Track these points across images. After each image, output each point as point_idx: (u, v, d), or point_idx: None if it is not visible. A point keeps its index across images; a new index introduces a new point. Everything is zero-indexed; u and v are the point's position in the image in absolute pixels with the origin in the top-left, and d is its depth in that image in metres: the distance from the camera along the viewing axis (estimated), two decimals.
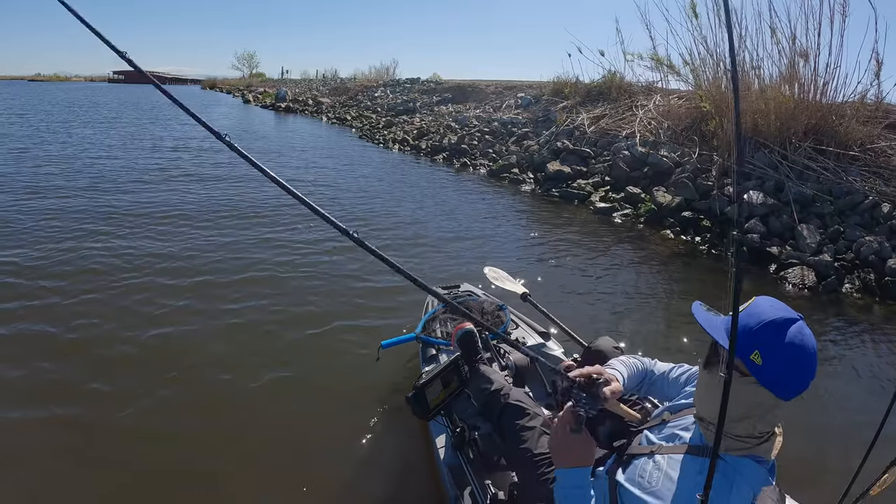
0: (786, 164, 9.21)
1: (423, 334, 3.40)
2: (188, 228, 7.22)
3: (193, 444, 3.20)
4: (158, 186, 9.64)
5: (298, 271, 5.92)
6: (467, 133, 15.13)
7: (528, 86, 19.42)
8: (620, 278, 6.43)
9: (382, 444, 3.26)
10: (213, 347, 4.24)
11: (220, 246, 6.56)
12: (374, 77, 33.71)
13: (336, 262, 6.20)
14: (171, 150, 14.11)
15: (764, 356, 1.33)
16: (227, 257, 6.17)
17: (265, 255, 6.34)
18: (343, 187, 10.59)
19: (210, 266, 5.87)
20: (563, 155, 11.39)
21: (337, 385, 3.81)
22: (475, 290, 4.16)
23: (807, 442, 3.39)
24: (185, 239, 6.77)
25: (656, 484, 1.45)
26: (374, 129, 19.61)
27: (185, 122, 20.89)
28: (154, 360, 4.02)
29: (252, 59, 75.66)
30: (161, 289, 5.23)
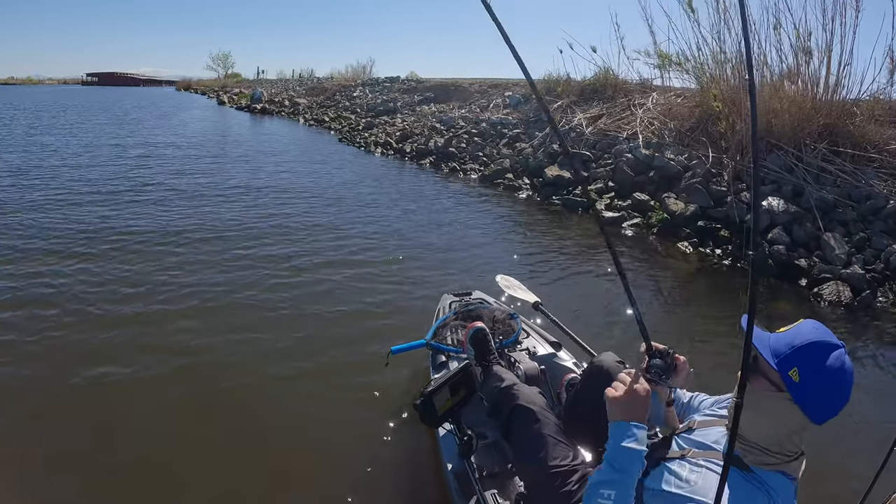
0: (801, 166, 8.54)
1: (433, 341, 3.36)
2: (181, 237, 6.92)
3: (196, 448, 3.22)
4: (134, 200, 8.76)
5: (305, 276, 5.87)
6: (454, 135, 14.26)
7: (514, 84, 18.62)
8: (638, 297, 5.62)
9: (389, 451, 3.27)
10: (217, 352, 4.24)
11: (223, 253, 6.46)
12: (352, 76, 32.81)
13: (344, 268, 6.15)
14: (139, 157, 13.13)
15: (802, 374, 1.37)
16: (232, 265, 6.07)
17: (271, 261, 6.26)
18: (324, 196, 9.73)
19: (212, 272, 5.83)
20: (561, 158, 10.58)
21: (345, 390, 3.83)
22: (487, 297, 4.11)
23: (821, 458, 3.14)
24: (184, 243, 6.70)
25: (695, 483, 1.49)
26: (354, 130, 18.67)
27: (150, 126, 20.08)
28: (161, 363, 4.04)
29: (227, 59, 73.63)
30: (162, 296, 5.17)
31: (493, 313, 3.57)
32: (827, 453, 3.28)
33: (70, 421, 3.41)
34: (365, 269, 6.14)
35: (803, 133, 8.90)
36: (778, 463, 1.46)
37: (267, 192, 9.80)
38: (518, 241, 7.71)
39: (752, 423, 1.45)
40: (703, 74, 10.22)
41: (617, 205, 8.91)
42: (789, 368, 1.39)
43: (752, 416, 1.41)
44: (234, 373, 3.96)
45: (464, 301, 3.97)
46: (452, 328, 3.49)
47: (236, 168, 12.09)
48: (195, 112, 30.27)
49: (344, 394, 3.78)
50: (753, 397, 1.39)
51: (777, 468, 1.46)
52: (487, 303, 3.94)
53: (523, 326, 3.54)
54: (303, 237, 7.19)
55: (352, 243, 7.01)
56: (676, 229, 7.92)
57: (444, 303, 4.01)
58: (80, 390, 3.69)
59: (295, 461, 3.15)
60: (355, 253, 6.69)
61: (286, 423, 3.48)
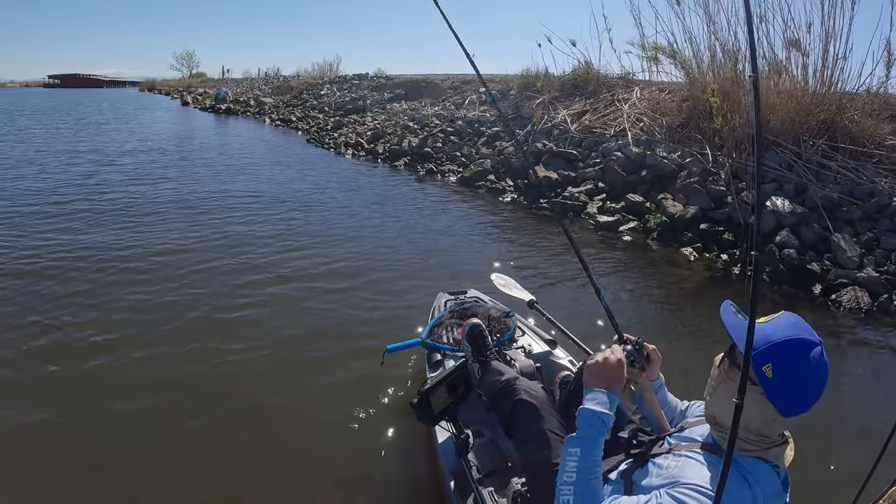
0: (800, 163, 8.03)
1: (429, 339, 3.36)
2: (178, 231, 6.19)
3: (193, 449, 3.21)
4: None
5: (301, 274, 5.88)
6: (429, 134, 13.52)
7: (489, 80, 17.98)
8: (644, 312, 5.57)
9: (386, 450, 3.27)
10: (212, 351, 4.24)
11: (221, 248, 6.56)
12: (318, 74, 31.90)
13: (338, 266, 6.17)
14: (92, 164, 12.21)
15: (776, 371, 1.38)
16: (228, 262, 6.09)
17: (266, 259, 6.27)
18: (292, 201, 8.98)
19: (213, 269, 5.86)
20: (546, 158, 9.90)
21: (341, 389, 3.81)
22: (482, 296, 4.10)
23: (818, 450, 3.32)
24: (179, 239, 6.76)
25: (673, 468, 1.54)
26: (323, 130, 17.80)
27: (108, 130, 19.28)
28: (155, 359, 4.08)
29: (191, 58, 72.26)
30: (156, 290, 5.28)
31: (488, 312, 3.54)
32: (831, 450, 3.37)
33: (69, 420, 3.42)
34: (352, 278, 5.89)
35: (802, 129, 8.40)
36: (756, 450, 1.47)
37: (233, 200, 9.08)
38: (506, 248, 7.06)
39: (722, 407, 1.49)
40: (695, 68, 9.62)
41: (610, 207, 8.28)
42: (763, 364, 1.39)
43: (724, 400, 1.45)
44: (228, 375, 3.96)
45: (459, 299, 3.97)
46: (448, 326, 3.47)
47: (198, 175, 11.24)
48: (157, 114, 29.07)
49: (340, 393, 3.77)
50: (729, 387, 1.41)
51: (755, 454, 1.46)
52: (483, 301, 3.94)
53: (518, 325, 3.53)
54: (272, 247, 6.70)
55: (332, 252, 6.61)
56: (677, 233, 7.33)
57: (440, 301, 3.99)
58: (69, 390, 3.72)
59: (291, 461, 3.14)
60: (337, 261, 6.39)
61: (281, 423, 3.47)
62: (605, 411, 1.65)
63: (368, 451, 3.24)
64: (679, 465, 1.53)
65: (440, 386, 2.47)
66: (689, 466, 1.51)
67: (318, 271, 6.00)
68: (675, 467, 1.54)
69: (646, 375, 1.99)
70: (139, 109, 31.76)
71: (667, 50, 9.79)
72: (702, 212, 7.47)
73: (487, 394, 2.53)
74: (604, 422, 1.64)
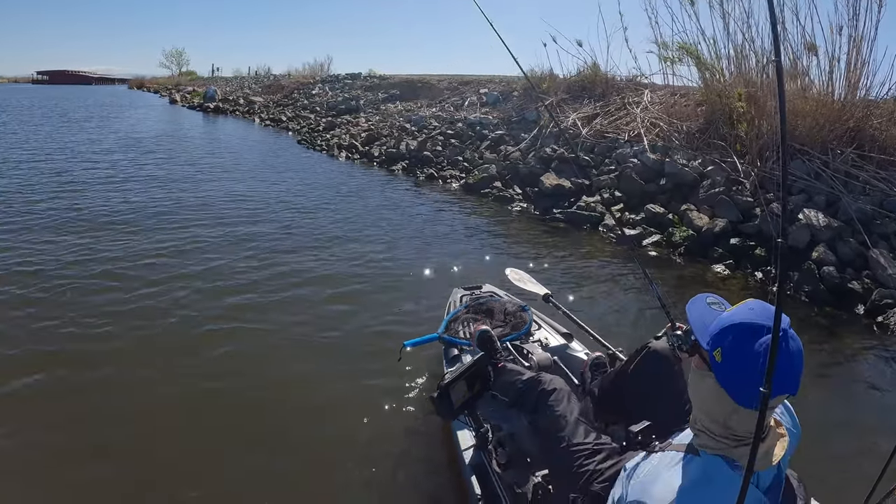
0: (828, 172, 7.50)
1: (445, 334, 3.34)
2: None
3: (213, 441, 3.23)
4: None
5: (319, 271, 5.88)
6: (428, 136, 12.88)
7: (488, 81, 17.38)
8: None
9: (405, 444, 3.25)
10: (229, 348, 4.23)
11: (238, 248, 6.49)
12: (309, 74, 31.35)
13: (354, 265, 6.14)
14: (67, 162, 11.51)
15: (724, 355, 1.32)
16: (250, 260, 6.06)
17: (288, 258, 6.23)
18: (286, 208, 8.34)
19: (230, 268, 5.83)
20: (556, 164, 9.29)
21: (359, 384, 3.82)
22: (497, 290, 4.09)
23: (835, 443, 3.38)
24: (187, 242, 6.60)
25: (643, 477, 1.49)
26: (314, 132, 17.11)
27: (89, 128, 18.70)
28: (172, 358, 4.05)
29: (181, 56, 71.99)
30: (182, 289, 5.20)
31: (504, 306, 3.54)
32: None
33: (71, 419, 3.38)
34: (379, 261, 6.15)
35: (830, 136, 7.88)
36: (721, 447, 1.39)
37: (221, 206, 8.44)
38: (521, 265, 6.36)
39: (693, 395, 1.47)
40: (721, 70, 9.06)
41: (629, 218, 7.66)
42: (714, 348, 1.35)
43: (694, 396, 1.46)
44: (248, 370, 3.96)
45: (474, 294, 3.95)
46: (464, 322, 3.46)
47: (181, 178, 10.57)
48: (143, 111, 28.53)
49: (357, 389, 3.77)
50: (693, 378, 1.45)
51: (718, 452, 1.39)
52: (498, 296, 3.91)
53: (535, 318, 3.51)
54: (268, 254, 6.35)
55: (332, 255, 6.38)
56: (705, 248, 6.75)
57: (455, 296, 3.98)
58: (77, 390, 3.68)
59: (311, 455, 3.16)
60: (339, 265, 6.19)
61: (302, 418, 3.47)
62: None
63: (388, 445, 3.24)
64: (648, 468, 1.50)
65: (459, 380, 2.46)
66: (658, 479, 1.44)
67: (322, 273, 5.86)
68: (647, 475, 1.49)
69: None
70: (126, 107, 31.34)
71: (692, 50, 9.18)
72: (731, 225, 6.91)
73: (506, 394, 2.48)
74: None
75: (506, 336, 3.18)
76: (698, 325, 1.44)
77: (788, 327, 1.31)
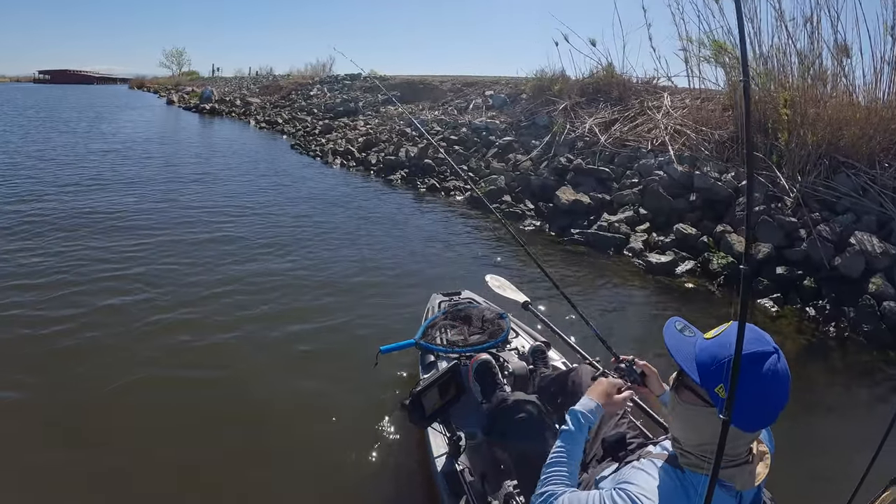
0: (875, 188, 6.61)
1: (422, 341, 3.27)
2: None
3: (184, 449, 3.15)
4: None
5: (295, 276, 5.72)
6: (430, 143, 12.01)
7: (493, 82, 16.47)
8: None
9: (378, 451, 3.20)
10: (203, 353, 4.14)
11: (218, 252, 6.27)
12: (311, 74, 30.58)
13: (332, 269, 5.98)
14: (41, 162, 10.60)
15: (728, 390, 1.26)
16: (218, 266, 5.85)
17: (262, 262, 6.09)
18: (264, 222, 7.49)
19: (202, 270, 5.68)
20: (572, 176, 8.33)
21: (333, 390, 3.75)
22: (476, 297, 4.03)
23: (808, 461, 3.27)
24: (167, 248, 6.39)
25: (626, 475, 1.51)
26: (310, 135, 16.20)
27: (79, 130, 17.89)
28: (146, 362, 3.95)
29: (181, 56, 71.06)
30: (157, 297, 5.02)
31: (482, 313, 3.50)
32: None
33: (58, 421, 3.33)
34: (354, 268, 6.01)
35: (877, 148, 7.00)
36: (709, 468, 1.28)
37: (198, 214, 7.80)
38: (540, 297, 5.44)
39: (684, 433, 1.44)
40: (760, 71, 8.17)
41: (657, 241, 6.72)
42: (715, 385, 1.31)
43: (684, 426, 1.44)
44: (221, 375, 3.89)
45: (453, 300, 3.91)
46: (441, 328, 3.41)
47: (162, 185, 9.80)
48: (138, 112, 27.75)
49: (332, 394, 3.71)
50: (684, 410, 1.41)
51: (706, 472, 1.30)
52: (476, 302, 3.88)
53: (512, 326, 3.48)
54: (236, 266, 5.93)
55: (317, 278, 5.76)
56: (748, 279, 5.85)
57: (434, 302, 3.92)
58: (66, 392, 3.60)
59: (282, 462, 3.08)
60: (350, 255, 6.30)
61: (274, 424, 3.41)
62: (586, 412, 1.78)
63: (360, 452, 3.19)
64: (633, 472, 1.50)
65: (432, 387, 2.46)
66: (640, 474, 1.47)
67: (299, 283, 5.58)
68: (629, 474, 1.51)
69: (648, 391, 2.07)
70: (122, 108, 30.78)
71: (728, 48, 8.28)
72: (775, 250, 6.02)
73: (487, 420, 2.54)
74: (580, 420, 1.77)
75: (483, 343, 3.16)
76: (683, 358, 1.41)
77: (777, 347, 1.34)
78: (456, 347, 3.17)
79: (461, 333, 3.31)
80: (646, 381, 2.04)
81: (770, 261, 5.92)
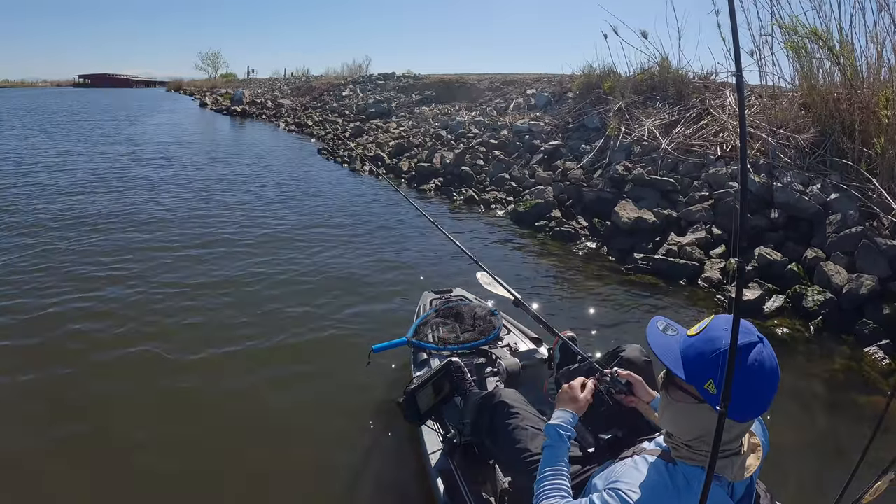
0: None
1: (414, 339, 3.26)
2: None
3: (175, 447, 3.16)
4: None
5: (287, 275, 5.72)
6: (467, 147, 11.07)
7: (535, 80, 15.50)
8: None
9: (373, 449, 3.21)
10: (196, 353, 4.13)
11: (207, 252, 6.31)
12: (347, 74, 30.53)
13: (325, 267, 5.99)
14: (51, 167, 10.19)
15: (718, 385, 1.27)
16: (212, 264, 5.95)
17: (250, 259, 6.11)
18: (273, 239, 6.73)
19: (196, 272, 5.72)
20: (631, 188, 7.31)
21: (326, 390, 3.78)
22: (467, 294, 4.05)
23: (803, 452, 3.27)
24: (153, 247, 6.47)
25: (618, 474, 1.49)
26: (339, 139, 15.42)
27: (102, 132, 17.64)
28: (139, 367, 3.95)
29: (216, 58, 71.19)
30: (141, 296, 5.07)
31: (473, 310, 3.48)
32: None
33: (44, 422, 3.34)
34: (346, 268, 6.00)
35: None
36: (703, 460, 1.37)
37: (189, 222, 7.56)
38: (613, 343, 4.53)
39: (677, 427, 1.43)
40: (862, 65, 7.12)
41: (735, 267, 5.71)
42: (704, 381, 1.30)
43: (677, 423, 1.43)
44: (214, 373, 3.89)
45: (444, 298, 3.90)
46: (433, 326, 3.39)
47: (157, 184, 9.85)
48: (167, 116, 27.64)
49: (326, 394, 3.73)
50: (676, 407, 1.40)
51: (699, 464, 1.38)
52: (468, 300, 3.86)
53: (504, 323, 3.48)
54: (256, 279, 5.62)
55: None
56: (849, 320, 4.82)
57: (425, 300, 3.93)
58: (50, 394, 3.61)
59: (276, 462, 3.09)
60: None
61: (267, 424, 3.41)
62: (563, 424, 1.78)
63: (355, 451, 3.17)
64: (625, 470, 1.49)
65: (426, 385, 2.45)
66: (631, 472, 1.46)
67: None
68: (621, 472, 1.49)
69: (636, 399, 2.01)
70: (153, 110, 30.97)
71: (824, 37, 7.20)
72: (880, 284, 5.00)
73: (471, 412, 2.47)
74: (559, 433, 1.76)
75: (474, 341, 3.16)
76: (669, 358, 1.39)
77: (762, 336, 1.32)
78: (448, 345, 3.15)
79: (453, 331, 3.29)
80: (632, 389, 2.02)
81: (874, 296, 4.91)
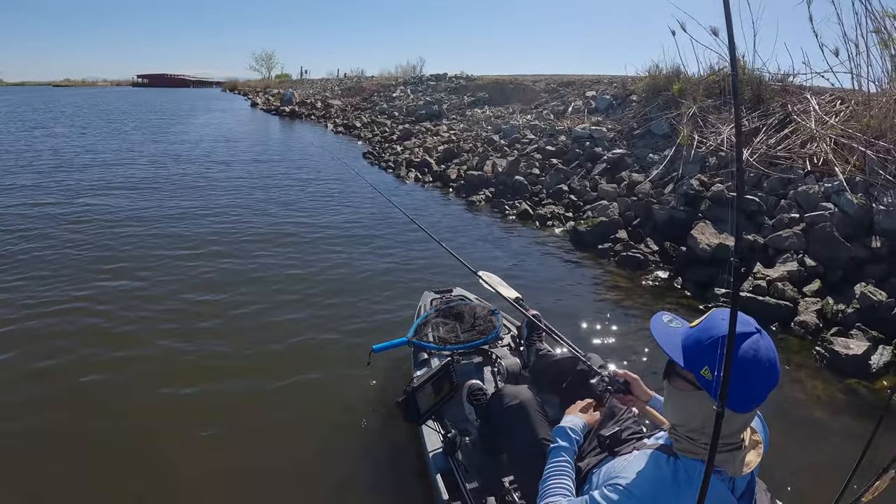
0: None
1: (414, 338, 3.27)
2: None
3: (175, 446, 3.17)
4: None
5: (287, 276, 5.72)
6: (521, 153, 10.35)
7: (595, 81, 14.64)
8: None
9: (373, 449, 3.20)
10: (197, 354, 4.18)
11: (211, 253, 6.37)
12: (401, 75, 30.26)
13: (326, 267, 6.00)
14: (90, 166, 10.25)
15: (714, 371, 1.32)
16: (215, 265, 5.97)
17: (255, 260, 6.13)
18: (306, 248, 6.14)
19: (195, 276, 5.67)
20: (708, 207, 6.48)
21: (327, 389, 3.79)
22: (468, 294, 4.04)
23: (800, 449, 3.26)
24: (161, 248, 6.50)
25: (618, 468, 1.52)
26: (386, 142, 14.91)
27: (149, 130, 17.75)
28: (145, 372, 3.92)
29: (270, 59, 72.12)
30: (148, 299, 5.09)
31: (473, 310, 3.49)
32: None
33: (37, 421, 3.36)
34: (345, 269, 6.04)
35: None
36: (704, 453, 1.38)
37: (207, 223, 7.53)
38: None
39: (678, 417, 1.47)
40: None
41: (835, 310, 4.78)
42: (700, 368, 1.36)
43: (680, 413, 1.46)
44: (214, 373, 3.91)
45: (445, 298, 3.89)
46: (434, 325, 3.39)
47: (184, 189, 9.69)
48: (217, 115, 28.07)
49: (326, 394, 3.73)
50: (678, 397, 1.45)
51: (699, 457, 1.41)
52: (468, 299, 3.84)
53: (504, 322, 3.48)
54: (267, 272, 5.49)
55: None
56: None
57: (426, 300, 3.91)
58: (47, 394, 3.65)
59: (276, 461, 3.09)
60: None
61: (267, 423, 3.42)
62: (573, 427, 1.91)
63: (355, 451, 3.17)
64: (625, 465, 1.51)
65: (426, 385, 2.45)
66: (630, 466, 1.48)
67: None
68: (620, 467, 1.51)
69: (631, 399, 2.05)
70: (204, 110, 31.72)
71: None
72: None
73: (478, 415, 2.59)
74: (568, 434, 1.88)
75: (475, 340, 3.16)
76: (671, 347, 1.44)
77: (760, 328, 1.36)
78: (448, 345, 3.16)
79: (453, 331, 3.30)
80: (630, 388, 2.03)
81: None
